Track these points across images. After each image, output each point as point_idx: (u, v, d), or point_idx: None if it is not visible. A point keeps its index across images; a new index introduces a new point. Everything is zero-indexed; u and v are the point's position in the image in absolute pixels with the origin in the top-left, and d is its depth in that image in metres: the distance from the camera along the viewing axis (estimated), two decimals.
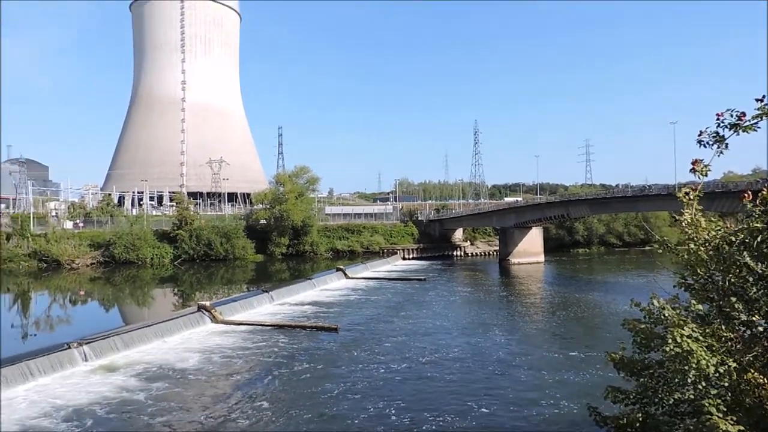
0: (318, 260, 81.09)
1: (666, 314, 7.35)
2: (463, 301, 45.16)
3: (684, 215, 7.55)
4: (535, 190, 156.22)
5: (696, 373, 6.66)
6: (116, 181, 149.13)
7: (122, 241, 73.48)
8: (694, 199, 7.57)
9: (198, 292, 54.30)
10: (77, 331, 30.60)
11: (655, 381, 7.93)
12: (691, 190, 7.60)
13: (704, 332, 6.95)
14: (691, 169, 7.44)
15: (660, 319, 7.49)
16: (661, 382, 7.82)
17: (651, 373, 7.99)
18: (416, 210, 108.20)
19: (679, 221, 7.67)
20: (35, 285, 59.88)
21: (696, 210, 7.54)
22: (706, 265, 7.32)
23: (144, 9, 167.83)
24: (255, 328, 32.95)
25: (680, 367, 6.75)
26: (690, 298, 7.63)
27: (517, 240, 76.55)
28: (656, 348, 7.71)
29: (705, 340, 6.81)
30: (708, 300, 7.52)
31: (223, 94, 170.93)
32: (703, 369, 6.55)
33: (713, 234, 7.31)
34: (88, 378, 22.69)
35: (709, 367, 6.55)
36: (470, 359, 25.81)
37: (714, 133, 7.16)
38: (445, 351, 27.36)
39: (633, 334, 8.11)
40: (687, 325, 6.93)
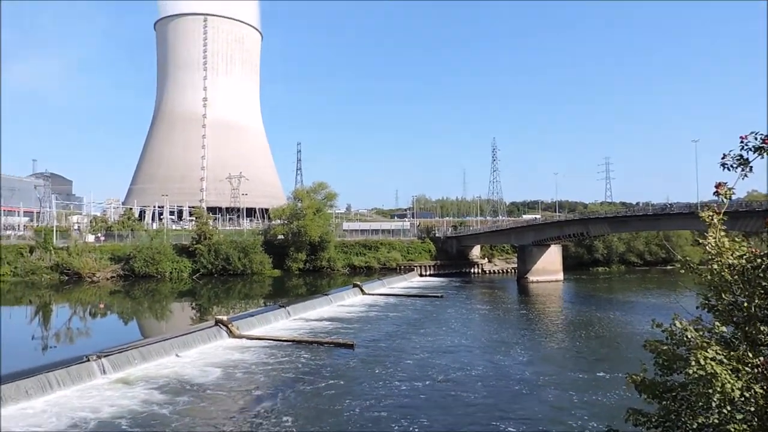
0: (335, 276, 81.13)
1: (689, 336, 7.19)
2: (482, 319, 44.76)
3: (708, 238, 7.43)
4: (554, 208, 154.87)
5: (720, 397, 6.48)
6: (137, 196, 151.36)
7: (142, 255, 74.34)
8: (719, 222, 7.44)
9: (215, 306, 54.63)
10: (96, 344, 30.93)
11: (678, 404, 7.73)
12: (715, 213, 7.47)
13: (729, 355, 6.77)
14: (714, 192, 7.34)
15: (682, 340, 7.33)
16: (684, 405, 7.62)
17: (674, 396, 7.79)
18: (434, 226, 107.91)
19: (702, 244, 7.53)
20: (57, 297, 60.76)
21: (720, 232, 7.41)
22: (731, 287, 7.17)
23: (168, 28, 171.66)
24: (271, 343, 32.98)
25: (704, 390, 6.58)
26: (714, 320, 7.47)
27: (535, 258, 75.83)
28: (679, 370, 7.54)
29: (730, 363, 6.63)
30: (733, 323, 7.35)
31: (244, 111, 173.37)
32: (728, 393, 6.38)
33: (737, 255, 7.17)
34: (106, 391, 22.86)
35: (735, 391, 6.37)
36: (494, 378, 25.55)
37: (738, 156, 7.09)
38: (467, 369, 27.11)
39: (655, 355, 7.94)
40: (711, 348, 6.77)
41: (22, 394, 20.83)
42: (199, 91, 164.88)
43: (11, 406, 20.18)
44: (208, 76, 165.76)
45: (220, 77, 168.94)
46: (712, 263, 7.33)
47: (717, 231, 7.44)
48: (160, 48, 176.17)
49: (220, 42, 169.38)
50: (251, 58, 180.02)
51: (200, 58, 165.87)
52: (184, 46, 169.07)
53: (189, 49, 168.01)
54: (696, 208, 53.47)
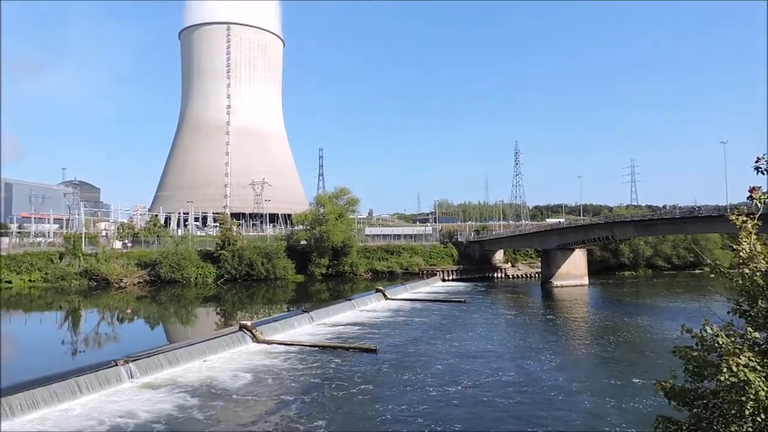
0: (357, 281, 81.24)
1: (720, 341, 7.02)
2: (508, 324, 44.37)
3: (742, 244, 7.25)
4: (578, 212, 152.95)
5: (754, 405, 6.31)
6: (163, 203, 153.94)
7: (168, 260, 75.45)
8: (753, 228, 7.26)
9: (239, 311, 55.12)
10: (124, 349, 31.45)
11: (709, 412, 7.54)
12: (749, 218, 7.29)
13: (763, 362, 6.59)
14: (748, 197, 7.18)
15: (713, 346, 7.16)
16: (716, 413, 7.43)
17: (705, 404, 7.60)
18: (456, 231, 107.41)
19: (735, 249, 7.36)
20: (85, 303, 61.99)
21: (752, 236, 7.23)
22: (764, 292, 6.99)
23: (192, 37, 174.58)
24: (295, 348, 33.14)
25: (737, 398, 6.41)
26: (746, 326, 7.27)
27: (559, 262, 74.92)
28: (710, 377, 7.35)
29: (764, 370, 6.45)
30: (766, 329, 7.15)
31: (266, 118, 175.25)
32: (762, 401, 6.21)
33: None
34: (133, 395, 23.22)
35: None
36: (525, 384, 25.28)
37: None
38: (497, 375, 26.90)
39: (684, 361, 7.76)
40: (743, 354, 6.59)
41: (53, 398, 21.28)
42: (222, 99, 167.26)
43: (43, 409, 20.64)
44: (231, 84, 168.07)
45: (243, 85, 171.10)
46: (743, 267, 7.16)
47: (750, 235, 7.26)
48: (185, 57, 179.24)
49: (243, 50, 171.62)
50: (273, 66, 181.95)
51: (224, 66, 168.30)
52: (208, 55, 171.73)
53: (213, 58, 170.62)
54: (725, 211, 52.25)
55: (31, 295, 65.99)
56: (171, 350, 28.87)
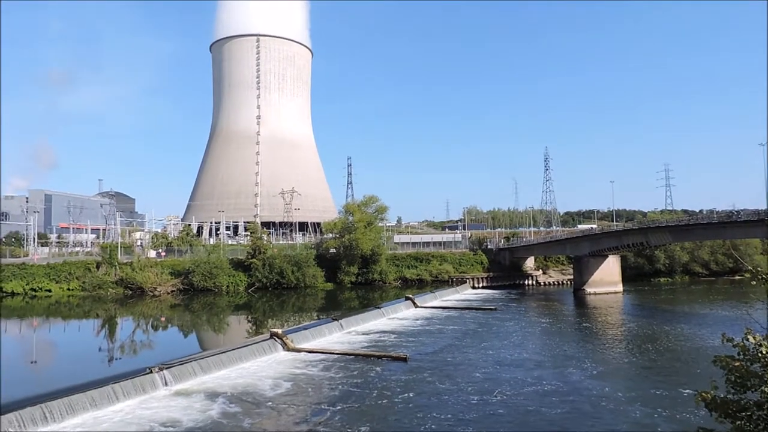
0: (387, 289, 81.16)
1: (764, 351, 6.77)
2: (541, 332, 43.73)
3: None
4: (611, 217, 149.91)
5: None
6: (195, 212, 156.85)
7: (200, 269, 76.67)
8: None
9: (270, 319, 55.63)
10: (158, 356, 32.04)
11: (753, 424, 7.27)
12: None
13: None
14: None
15: (757, 356, 6.91)
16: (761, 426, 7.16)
17: (749, 416, 7.33)
18: (485, 238, 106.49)
19: None
20: (121, 311, 63.42)
21: None
22: None
23: (223, 49, 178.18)
24: (325, 356, 33.24)
25: None
26: None
27: (592, 269, 73.52)
28: (754, 388, 7.09)
29: None
30: None
31: (296, 127, 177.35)
32: None
33: None
34: (168, 402, 23.60)
35: None
36: (570, 393, 24.75)
37: None
38: (539, 383, 26.45)
39: (726, 372, 7.51)
40: None
41: (91, 404, 21.79)
42: (252, 109, 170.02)
43: (81, 415, 21.15)
44: (261, 95, 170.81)
45: (273, 95, 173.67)
46: None
47: None
48: (216, 69, 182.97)
49: (273, 61, 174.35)
50: (302, 76, 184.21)
51: (253, 77, 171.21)
52: (238, 66, 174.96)
53: (243, 69, 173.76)
54: (765, 216, 50.54)
55: (70, 303, 67.85)
56: (203, 358, 29.28)
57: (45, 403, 20.34)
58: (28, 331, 50.84)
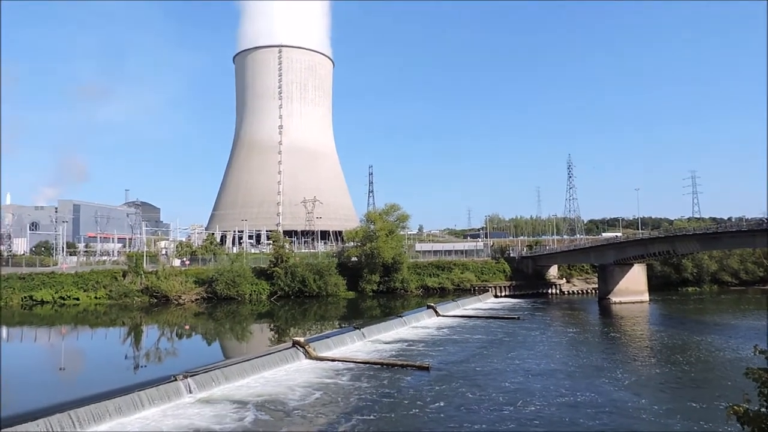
0: (408, 297, 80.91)
1: None
2: (567, 341, 43.11)
3: None
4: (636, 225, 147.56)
5: None
6: (219, 221, 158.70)
7: (224, 278, 77.41)
8: None
9: (292, 327, 55.86)
10: (182, 364, 32.38)
11: None
12: None
13: None
14: None
15: None
16: None
17: None
18: (508, 246, 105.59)
19: None
20: (146, 319, 64.31)
21: None
22: None
23: (246, 60, 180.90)
24: (347, 365, 33.22)
25: None
26: None
27: (617, 278, 72.34)
28: None
29: None
30: None
31: (317, 136, 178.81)
32: None
33: None
34: (193, 410, 23.81)
35: None
36: (605, 405, 24.12)
37: None
38: (572, 394, 25.96)
39: (759, 384, 7.30)
40: None
41: (118, 411, 22.09)
42: (274, 119, 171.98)
43: (108, 422, 21.44)
44: (283, 105, 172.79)
45: (295, 105, 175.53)
46: None
47: None
48: (239, 79, 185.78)
49: (294, 71, 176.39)
50: (324, 85, 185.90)
51: (276, 87, 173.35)
52: (261, 77, 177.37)
53: (265, 79, 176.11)
54: None
55: (97, 311, 69.05)
56: (227, 366, 29.51)
57: (73, 410, 20.68)
58: (56, 339, 51.85)
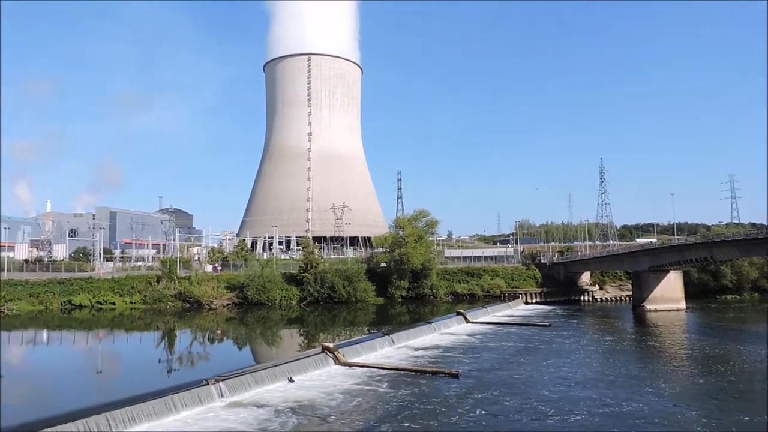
0: (437, 303, 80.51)
1: None
2: (603, 350, 42.14)
3: None
4: (672, 231, 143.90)
5: None
6: (250, 228, 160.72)
7: (254, 283, 78.30)
8: None
9: (322, 333, 56.13)
10: (214, 368, 32.84)
11: None
12: None
13: None
14: None
15: None
16: None
17: None
18: (538, 252, 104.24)
19: None
20: (179, 323, 65.47)
21: None
22: None
23: (276, 69, 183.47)
24: (376, 371, 33.17)
25: None
26: None
27: (652, 285, 70.58)
28: None
29: None
30: None
31: (346, 143, 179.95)
32: None
33: None
34: (225, 413, 24.10)
35: None
36: (652, 417, 23.13)
37: None
38: (615, 405, 25.04)
39: None
40: None
41: (152, 414, 22.50)
42: (304, 126, 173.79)
43: (143, 424, 21.85)
44: (312, 112, 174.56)
45: (324, 112, 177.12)
46: None
47: None
48: (269, 87, 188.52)
49: (323, 78, 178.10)
50: (352, 92, 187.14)
51: (305, 95, 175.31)
52: (290, 85, 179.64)
53: (294, 87, 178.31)
54: None
55: (132, 315, 70.63)
56: (258, 370, 29.77)
57: (109, 412, 21.13)
58: (94, 343, 53.20)
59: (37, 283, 78.52)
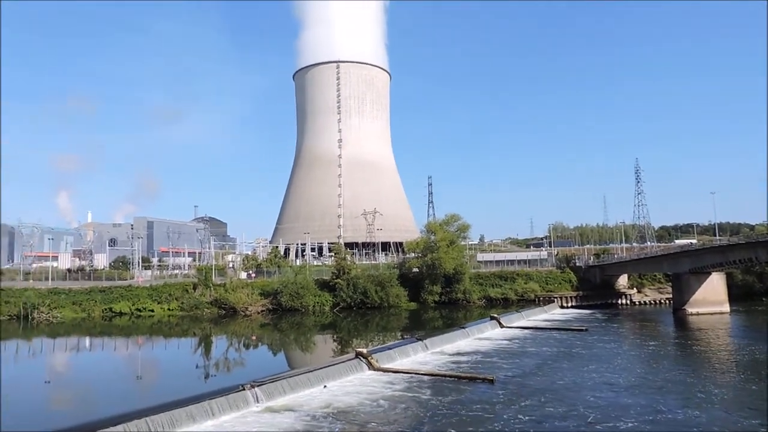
0: (471, 308, 79.79)
1: None
2: (646, 355, 40.97)
3: None
4: (713, 231, 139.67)
5: None
6: (282, 235, 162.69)
7: (288, 290, 79.02)
8: None
9: (355, 338, 56.22)
10: (249, 373, 33.21)
11: None
12: None
13: None
14: None
15: None
16: None
17: None
18: (573, 255, 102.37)
19: None
20: (215, 330, 66.50)
21: None
22: None
23: (305, 77, 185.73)
24: (410, 376, 33.02)
25: None
26: None
27: (693, 287, 68.46)
28: None
29: None
30: None
31: (376, 149, 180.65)
32: None
33: None
34: (261, 418, 24.34)
35: None
36: (706, 426, 22.12)
37: None
38: (670, 412, 24.10)
39: None
40: None
41: (190, 419, 22.89)
42: (334, 133, 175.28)
43: (183, 428, 22.25)
44: (342, 119, 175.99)
45: (353, 119, 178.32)
46: None
47: None
48: (299, 96, 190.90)
49: (352, 85, 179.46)
50: (381, 98, 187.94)
51: (334, 102, 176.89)
52: (320, 93, 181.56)
53: (324, 95, 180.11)
54: None
55: (170, 322, 72.10)
56: (292, 376, 29.97)
57: (149, 417, 21.57)
58: (134, 349, 54.47)
59: (80, 292, 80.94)
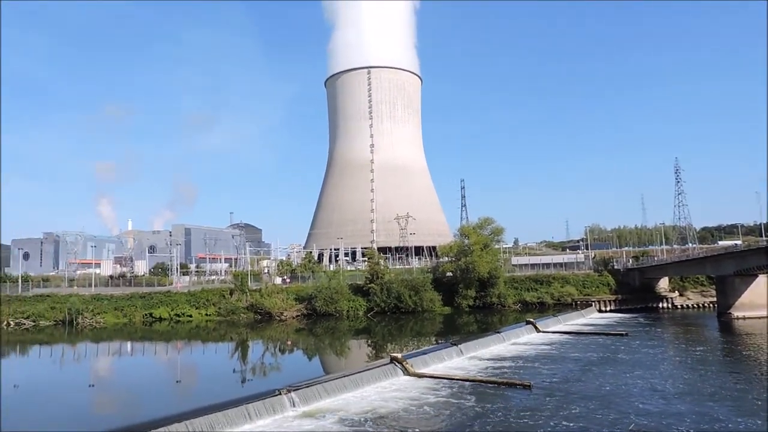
0: (506, 312, 78.82)
1: None
2: (690, 361, 39.59)
3: None
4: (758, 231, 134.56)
5: None
6: (316, 240, 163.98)
7: (322, 294, 79.64)
8: None
9: (389, 343, 56.16)
10: (285, 378, 33.55)
11: None
12: None
13: None
14: None
15: None
16: None
17: None
18: (611, 258, 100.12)
19: None
20: (252, 334, 67.45)
21: None
22: None
23: (336, 83, 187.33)
24: (445, 381, 32.77)
25: None
26: None
27: (739, 290, 66.01)
28: None
29: None
30: None
31: (408, 153, 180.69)
32: None
33: None
34: (298, 423, 24.51)
35: None
36: None
37: None
38: (722, 421, 23.21)
39: None
40: None
41: (229, 423, 23.23)
42: (366, 138, 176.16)
43: (222, 430, 22.59)
44: (373, 124, 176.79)
45: (385, 123, 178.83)
46: None
47: None
48: (331, 102, 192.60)
49: (383, 90, 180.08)
50: (412, 103, 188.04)
51: (366, 108, 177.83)
52: (351, 98, 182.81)
53: (355, 100, 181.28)
54: None
55: (208, 327, 73.49)
56: (328, 381, 30.10)
57: (189, 420, 21.98)
58: (173, 353, 55.72)
59: (121, 298, 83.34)
